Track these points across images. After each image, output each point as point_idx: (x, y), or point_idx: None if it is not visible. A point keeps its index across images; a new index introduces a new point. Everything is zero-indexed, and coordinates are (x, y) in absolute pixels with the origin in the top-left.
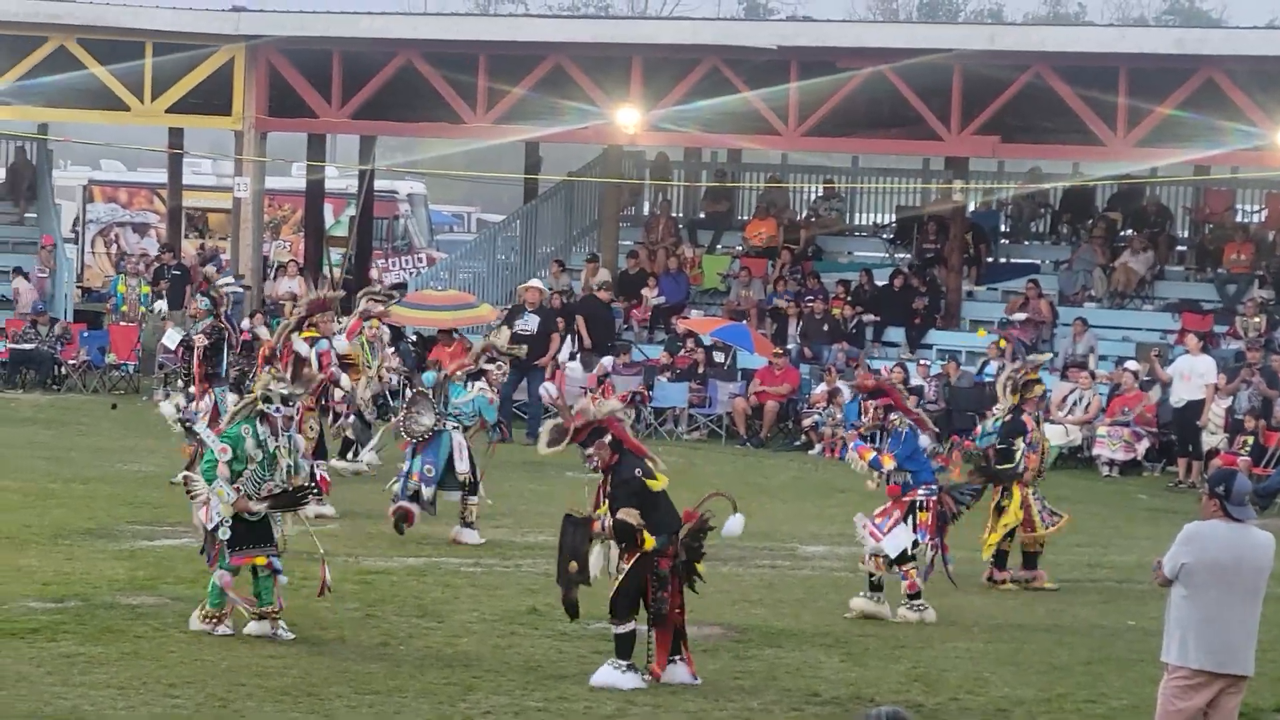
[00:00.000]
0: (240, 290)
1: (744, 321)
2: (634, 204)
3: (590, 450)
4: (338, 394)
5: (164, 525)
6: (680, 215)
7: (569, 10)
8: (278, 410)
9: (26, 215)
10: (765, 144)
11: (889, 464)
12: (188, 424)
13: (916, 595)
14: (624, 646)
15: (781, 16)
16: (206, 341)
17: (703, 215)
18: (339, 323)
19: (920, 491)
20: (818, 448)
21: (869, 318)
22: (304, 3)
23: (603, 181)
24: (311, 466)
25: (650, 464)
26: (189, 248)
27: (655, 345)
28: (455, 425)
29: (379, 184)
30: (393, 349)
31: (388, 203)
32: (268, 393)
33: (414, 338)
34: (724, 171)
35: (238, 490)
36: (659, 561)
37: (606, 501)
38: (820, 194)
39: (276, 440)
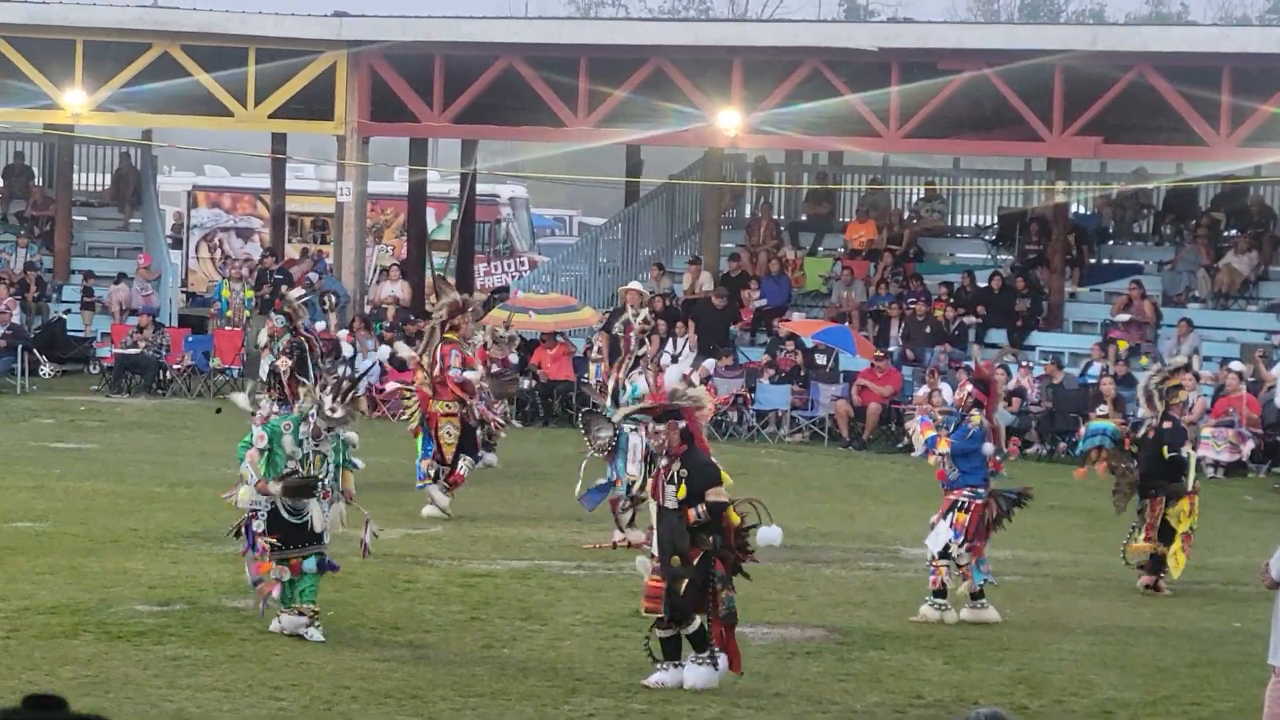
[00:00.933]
0: (312, 296)
1: (846, 324)
2: (735, 206)
3: (661, 428)
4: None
5: None
6: (781, 217)
7: (669, 13)
8: (312, 418)
9: (131, 221)
10: (866, 146)
11: (944, 447)
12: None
13: (941, 594)
14: (699, 641)
15: (882, 18)
16: (290, 362)
17: (804, 217)
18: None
19: (964, 493)
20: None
21: (971, 319)
22: (405, 7)
23: (704, 185)
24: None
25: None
26: (292, 252)
27: (757, 348)
28: (633, 427)
29: (481, 187)
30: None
31: (489, 206)
32: (312, 400)
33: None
34: (825, 174)
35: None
36: (715, 562)
37: (676, 486)
38: (921, 195)
39: (316, 445)
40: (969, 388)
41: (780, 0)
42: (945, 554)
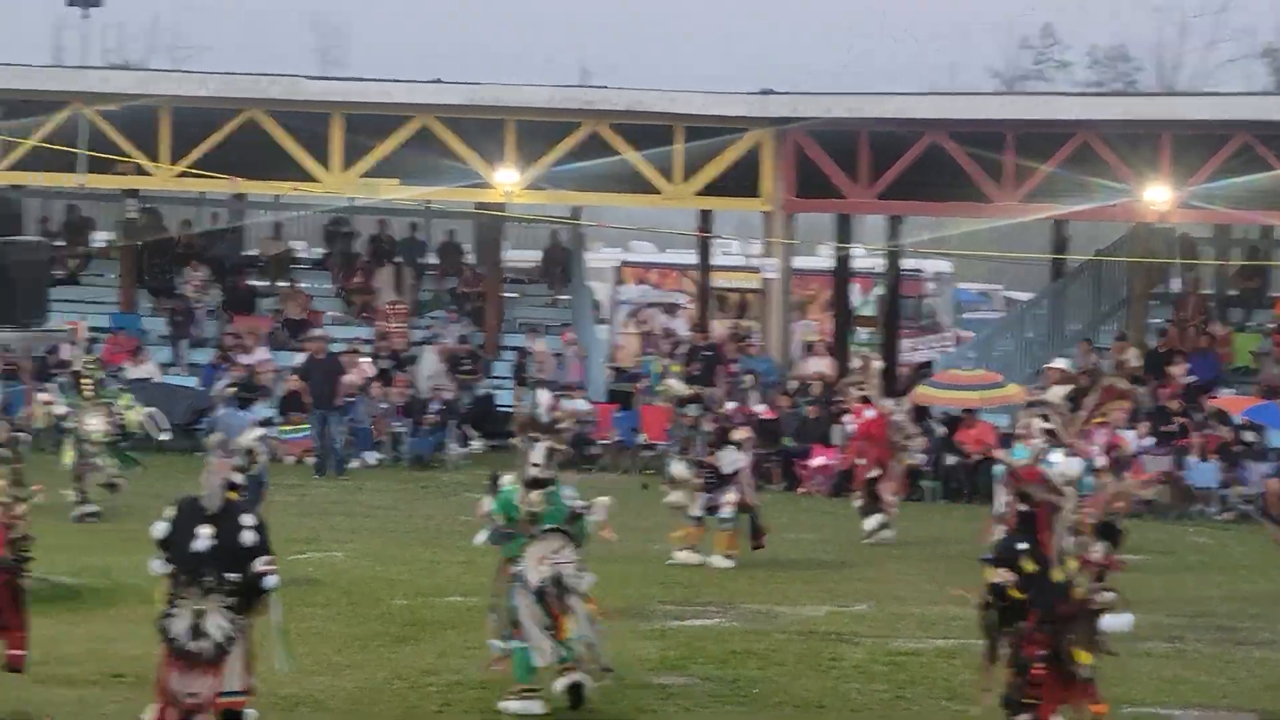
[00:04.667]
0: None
1: (1276, 400)
2: (1163, 281)
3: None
4: None
5: (695, 605)
6: (1210, 292)
7: (1095, 86)
8: None
9: (559, 298)
10: None
11: None
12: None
13: None
14: None
15: None
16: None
17: (1233, 292)
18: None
19: None
20: None
21: None
22: (831, 84)
23: (1131, 261)
24: None
25: None
26: (718, 327)
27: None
28: None
29: (905, 262)
30: (918, 429)
31: (914, 281)
32: None
33: (941, 417)
34: (1256, 248)
35: None
36: (1025, 646)
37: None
38: None
39: None
40: None
41: (1210, 71)
42: None
